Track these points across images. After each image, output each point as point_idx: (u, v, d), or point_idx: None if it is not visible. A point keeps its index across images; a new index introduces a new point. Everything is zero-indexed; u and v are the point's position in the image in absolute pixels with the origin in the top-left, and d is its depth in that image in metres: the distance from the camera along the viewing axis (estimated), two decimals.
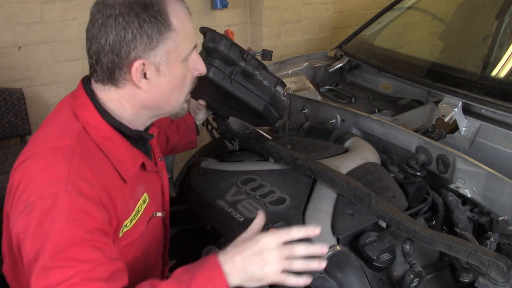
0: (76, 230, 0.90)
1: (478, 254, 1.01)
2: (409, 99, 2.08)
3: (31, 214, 0.90)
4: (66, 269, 0.87)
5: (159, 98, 1.06)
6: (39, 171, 0.95)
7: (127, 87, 1.03)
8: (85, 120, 1.03)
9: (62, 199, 0.90)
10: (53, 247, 0.88)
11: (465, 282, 1.21)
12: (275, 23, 3.47)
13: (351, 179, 1.28)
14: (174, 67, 1.03)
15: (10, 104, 2.73)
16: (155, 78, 1.02)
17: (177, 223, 1.58)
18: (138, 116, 1.08)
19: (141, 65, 0.99)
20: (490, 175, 1.34)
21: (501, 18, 2.18)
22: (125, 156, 1.06)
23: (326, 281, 1.11)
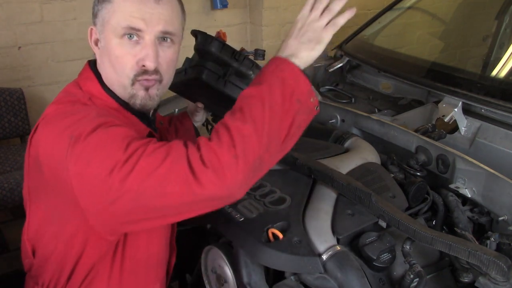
0: (122, 129, 0.95)
1: (478, 253, 1.01)
2: (409, 99, 2.08)
3: (78, 143, 0.92)
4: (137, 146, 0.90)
5: (105, 72, 1.09)
6: (63, 113, 1.00)
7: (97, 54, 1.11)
8: (89, 91, 1.08)
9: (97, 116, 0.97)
10: (114, 147, 0.90)
11: (465, 282, 1.21)
12: (275, 23, 3.47)
13: (351, 179, 1.28)
14: (109, 39, 1.05)
15: (10, 104, 2.73)
16: (100, 48, 1.09)
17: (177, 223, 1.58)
18: (114, 87, 1.10)
19: (90, 31, 1.09)
20: (490, 175, 1.34)
21: (501, 18, 2.18)
22: (131, 124, 1.08)
23: (326, 281, 1.11)
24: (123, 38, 1.03)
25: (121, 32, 1.03)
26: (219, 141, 0.90)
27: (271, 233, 1.16)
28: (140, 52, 1.04)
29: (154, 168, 0.88)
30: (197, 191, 0.87)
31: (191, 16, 3.25)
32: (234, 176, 0.88)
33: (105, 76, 1.10)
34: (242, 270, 1.20)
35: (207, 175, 0.87)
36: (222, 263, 1.29)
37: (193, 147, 0.90)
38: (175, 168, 0.88)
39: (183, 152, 0.89)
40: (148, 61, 1.04)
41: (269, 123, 0.93)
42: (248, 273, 1.19)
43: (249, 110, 0.93)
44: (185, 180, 0.87)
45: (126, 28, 1.02)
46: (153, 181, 0.88)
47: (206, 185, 0.87)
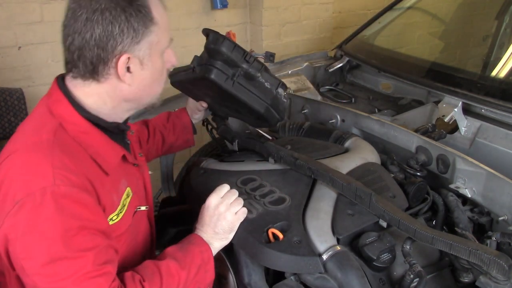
0: (73, 221, 0.91)
1: (479, 252, 1.01)
2: (409, 99, 2.08)
3: (21, 211, 0.90)
4: (75, 260, 0.90)
5: (141, 91, 1.07)
6: (22, 167, 0.94)
7: (109, 81, 1.03)
8: (60, 116, 1.02)
9: (51, 193, 0.90)
10: (54, 241, 0.89)
11: (465, 282, 1.21)
12: (275, 23, 3.47)
13: (351, 178, 1.28)
14: (155, 60, 1.05)
15: (10, 104, 2.73)
16: (139, 71, 1.03)
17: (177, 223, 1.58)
18: (116, 109, 1.08)
19: (126, 59, 1.00)
20: (490, 175, 1.34)
21: (501, 18, 2.18)
22: (104, 148, 1.06)
23: (326, 281, 1.11)
24: (164, 53, 1.08)
25: (166, 47, 1.07)
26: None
27: (271, 233, 1.16)
28: (169, 57, 1.11)
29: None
30: None
31: (191, 16, 3.25)
32: None
33: (130, 97, 1.07)
34: (242, 270, 1.20)
35: None
36: (222, 263, 1.29)
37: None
38: None
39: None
40: (175, 60, 1.12)
41: None
42: (248, 273, 1.19)
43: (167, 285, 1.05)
44: None
45: (170, 42, 1.08)
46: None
47: None
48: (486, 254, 1.01)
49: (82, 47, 0.98)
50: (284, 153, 1.41)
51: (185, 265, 1.09)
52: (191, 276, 1.09)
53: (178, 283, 1.06)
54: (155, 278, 1.03)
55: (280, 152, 1.43)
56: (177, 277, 1.06)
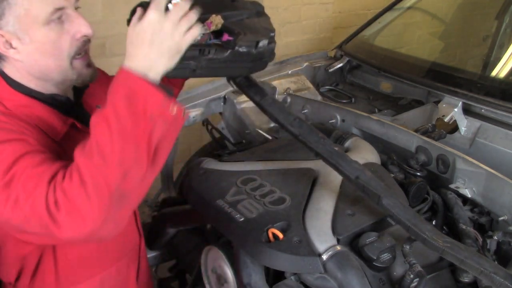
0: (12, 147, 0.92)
1: (491, 275, 0.98)
2: (409, 99, 2.08)
3: None
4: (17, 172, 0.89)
5: (37, 66, 1.04)
6: None
7: (8, 59, 1.04)
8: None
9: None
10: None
11: (465, 282, 1.21)
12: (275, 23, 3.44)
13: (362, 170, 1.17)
14: (34, 33, 0.99)
15: None
16: (21, 46, 1.00)
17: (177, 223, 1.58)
18: (39, 84, 1.07)
19: (0, 37, 0.99)
20: (490, 175, 1.34)
21: (501, 18, 2.18)
22: (48, 117, 1.06)
23: (326, 281, 1.11)
24: (51, 23, 1.00)
25: (48, 18, 0.99)
26: (70, 181, 0.86)
27: (271, 233, 1.16)
28: (72, 27, 1.03)
29: (23, 203, 0.88)
30: (56, 233, 0.87)
31: None
32: (90, 215, 0.85)
33: (37, 72, 1.05)
34: (242, 270, 1.20)
35: (62, 218, 0.85)
36: (222, 263, 1.29)
37: (52, 185, 0.87)
38: (35, 210, 0.87)
39: (44, 192, 0.87)
40: (87, 30, 1.04)
41: (120, 150, 0.86)
42: (248, 273, 1.19)
43: (96, 140, 0.87)
44: (44, 223, 0.87)
45: (53, 12, 0.99)
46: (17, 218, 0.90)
47: (64, 227, 0.86)
48: (498, 277, 0.98)
49: None
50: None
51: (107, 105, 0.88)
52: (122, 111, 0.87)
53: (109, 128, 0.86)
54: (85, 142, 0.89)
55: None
56: (103, 121, 0.87)
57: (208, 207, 1.34)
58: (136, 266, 1.34)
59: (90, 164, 0.86)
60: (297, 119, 1.20)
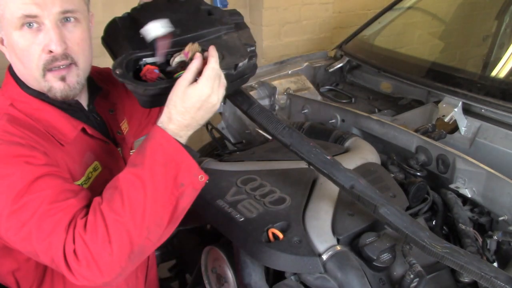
0: (21, 170, 0.90)
1: (492, 280, 0.98)
2: (409, 99, 2.08)
3: None
4: (30, 203, 0.89)
5: (17, 69, 1.05)
6: None
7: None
8: (10, 96, 1.05)
9: (9, 146, 0.92)
10: (7, 193, 0.89)
11: (465, 282, 1.21)
12: (275, 23, 3.47)
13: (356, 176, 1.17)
14: (9, 34, 1.00)
15: None
16: (6, 46, 1.03)
17: None
18: (34, 86, 1.06)
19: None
20: (490, 175, 1.34)
21: (501, 18, 2.18)
22: (58, 121, 1.06)
23: (326, 281, 1.11)
24: (23, 29, 0.98)
25: (18, 23, 0.97)
26: (93, 234, 0.87)
27: (271, 233, 1.16)
28: (44, 39, 0.99)
29: (37, 241, 0.89)
30: (67, 276, 0.89)
31: None
32: (108, 270, 0.87)
33: (19, 74, 1.06)
34: (242, 270, 1.20)
35: (79, 269, 0.87)
36: (222, 263, 1.29)
37: (71, 234, 0.87)
38: (52, 252, 0.88)
39: (62, 239, 0.87)
40: (53, 45, 0.99)
41: (150, 212, 0.90)
42: (248, 273, 1.19)
43: (129, 197, 0.89)
44: (60, 267, 0.88)
45: (22, 18, 0.97)
46: (34, 249, 0.90)
47: (78, 276, 0.88)
48: (499, 281, 0.97)
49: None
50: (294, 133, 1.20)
51: (144, 167, 0.91)
52: (158, 176, 0.91)
53: (144, 190, 0.90)
54: (114, 195, 0.90)
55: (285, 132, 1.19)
56: (139, 183, 0.90)
57: (208, 207, 1.34)
58: (144, 276, 1.35)
59: (119, 222, 0.88)
60: (286, 128, 1.17)
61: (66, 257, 0.87)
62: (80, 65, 1.05)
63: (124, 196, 0.89)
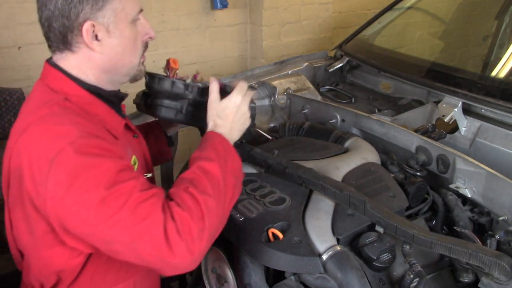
0: (108, 162, 0.95)
1: (480, 255, 1.00)
2: (409, 99, 2.08)
3: (59, 168, 0.92)
4: (122, 191, 0.92)
5: (114, 60, 1.09)
6: (44, 133, 0.97)
7: (82, 50, 1.06)
8: (63, 91, 1.06)
9: (81, 145, 0.94)
10: (98, 182, 0.92)
11: (465, 282, 1.21)
12: (275, 23, 3.47)
13: (344, 185, 1.26)
14: (123, 28, 1.07)
15: (10, 104, 2.73)
16: (107, 39, 1.06)
17: None
18: (100, 81, 1.11)
19: (91, 27, 1.03)
20: (490, 175, 1.34)
21: (501, 18, 2.18)
22: (109, 116, 1.12)
23: (326, 281, 1.11)
24: (135, 22, 1.10)
25: (135, 17, 1.09)
26: (191, 213, 0.94)
27: (271, 233, 1.16)
28: (143, 29, 1.13)
29: (132, 225, 0.91)
30: (167, 259, 0.91)
31: (191, 16, 3.25)
32: (200, 248, 0.94)
33: (109, 66, 1.10)
34: (242, 270, 1.20)
35: (180, 247, 0.91)
36: (222, 263, 1.29)
37: (168, 213, 0.93)
38: (151, 233, 0.91)
39: (161, 219, 0.92)
40: (152, 32, 1.15)
41: (224, 198, 1.04)
42: (248, 273, 1.19)
43: (211, 185, 1.01)
44: (159, 247, 0.90)
45: (139, 12, 1.10)
46: (128, 236, 0.91)
47: (178, 255, 0.91)
48: (487, 255, 1.00)
49: (49, 18, 1.03)
50: (272, 161, 1.39)
51: (213, 158, 1.06)
52: (223, 167, 1.06)
53: (217, 177, 1.04)
54: (198, 181, 1.01)
55: (268, 161, 1.40)
56: (212, 171, 1.04)
57: None
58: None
59: (210, 203, 0.98)
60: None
61: (168, 235, 0.90)
62: None
63: (207, 181, 1.01)
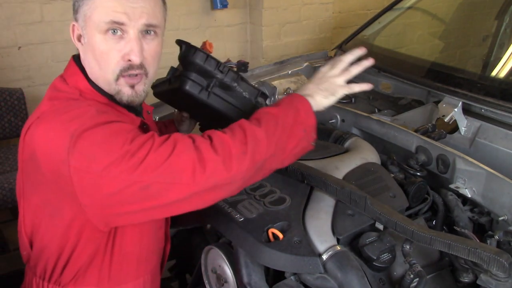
0: (124, 124, 1.00)
1: (478, 251, 1.01)
2: (409, 99, 2.08)
3: (80, 140, 0.93)
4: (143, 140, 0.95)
5: (89, 67, 1.09)
6: (60, 113, 0.99)
7: (80, 48, 1.10)
8: (78, 88, 1.08)
9: (99, 118, 0.97)
10: (120, 141, 0.94)
11: (465, 282, 1.21)
12: (275, 23, 3.47)
13: (345, 182, 1.27)
14: (91, 36, 1.04)
15: (10, 104, 2.73)
16: (83, 44, 1.08)
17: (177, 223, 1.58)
18: (95, 81, 1.10)
19: (72, 26, 1.08)
20: (490, 175, 1.34)
21: (501, 18, 2.18)
22: (123, 116, 1.11)
23: (326, 281, 1.11)
24: (107, 33, 1.03)
25: (104, 28, 1.02)
26: (233, 135, 1.00)
27: (271, 233, 1.16)
28: (124, 47, 1.05)
29: (163, 160, 0.93)
30: (201, 180, 0.93)
31: (191, 16, 3.25)
32: (239, 168, 0.97)
33: (90, 72, 1.10)
34: (242, 270, 1.20)
35: (215, 162, 0.94)
36: (222, 263, 1.29)
37: (201, 137, 0.98)
38: (182, 159, 0.93)
39: (189, 142, 0.96)
40: (133, 55, 1.05)
41: (279, 137, 1.06)
42: (248, 273, 1.19)
43: (265, 121, 1.05)
44: (192, 169, 0.93)
45: (110, 23, 1.02)
46: (161, 173, 0.92)
47: (212, 171, 0.94)
48: (485, 252, 1.00)
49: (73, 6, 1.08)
50: None
51: (279, 104, 1.11)
52: (289, 118, 1.09)
53: (277, 116, 1.07)
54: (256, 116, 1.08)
55: None
56: (273, 115, 1.07)
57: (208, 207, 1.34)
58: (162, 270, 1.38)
59: (257, 132, 1.02)
60: None
61: (202, 152, 0.94)
62: (149, 76, 1.12)
63: (261, 120, 1.06)
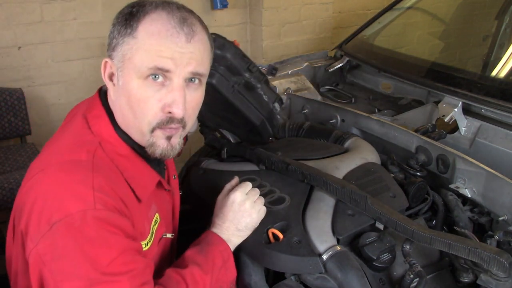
0: (113, 244, 0.87)
1: (479, 251, 1.01)
2: (409, 99, 2.08)
3: (58, 233, 0.84)
4: (113, 284, 0.85)
5: (120, 112, 0.97)
6: (59, 186, 0.88)
7: (110, 89, 0.99)
8: (100, 135, 0.97)
9: (92, 216, 0.85)
10: (94, 263, 0.84)
11: (465, 282, 1.21)
12: (275, 23, 3.47)
13: (345, 182, 1.27)
14: (129, 78, 0.93)
15: (10, 104, 2.73)
16: (115, 85, 0.97)
17: None
18: (124, 127, 1.00)
19: (105, 63, 0.97)
20: (490, 175, 1.34)
21: (501, 18, 2.18)
22: (140, 174, 1.00)
23: (326, 281, 1.11)
24: (147, 79, 0.92)
25: (146, 73, 0.92)
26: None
27: (271, 233, 1.16)
28: (166, 97, 0.93)
29: None
30: None
31: None
32: None
33: (120, 118, 0.99)
34: (242, 270, 1.19)
35: None
36: None
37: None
38: None
39: None
40: (175, 108, 0.93)
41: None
42: (248, 273, 1.19)
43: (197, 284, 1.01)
44: None
45: (153, 69, 0.91)
46: None
47: None
48: (485, 252, 1.00)
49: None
50: (275, 159, 1.40)
51: (207, 269, 1.03)
52: (214, 279, 1.04)
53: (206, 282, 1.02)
54: (180, 285, 0.98)
55: (271, 158, 1.41)
56: (201, 283, 1.01)
57: (208, 207, 1.34)
58: None
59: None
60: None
61: None
62: (187, 128, 1.01)
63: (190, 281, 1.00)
